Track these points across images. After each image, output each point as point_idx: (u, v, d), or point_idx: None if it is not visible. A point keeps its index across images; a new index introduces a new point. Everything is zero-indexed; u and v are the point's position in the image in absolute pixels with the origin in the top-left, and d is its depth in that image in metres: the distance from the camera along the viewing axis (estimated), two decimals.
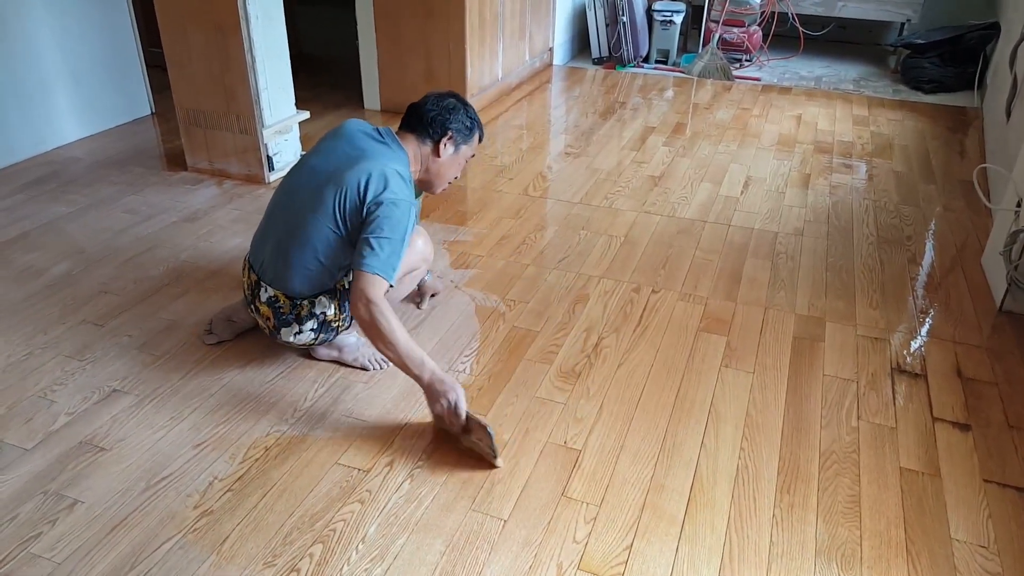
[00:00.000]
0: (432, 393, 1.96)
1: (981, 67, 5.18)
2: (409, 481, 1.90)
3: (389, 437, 2.05)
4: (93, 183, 3.56)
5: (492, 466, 1.94)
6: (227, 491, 1.86)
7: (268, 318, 2.20)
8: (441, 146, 2.18)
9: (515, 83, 5.19)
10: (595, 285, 2.79)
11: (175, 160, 3.82)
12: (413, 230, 2.09)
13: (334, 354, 2.32)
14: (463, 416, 1.95)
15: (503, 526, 1.78)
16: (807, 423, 2.13)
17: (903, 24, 5.82)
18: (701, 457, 2.00)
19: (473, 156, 2.32)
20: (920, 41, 5.43)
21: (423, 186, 2.29)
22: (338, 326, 2.24)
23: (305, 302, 2.15)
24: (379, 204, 1.99)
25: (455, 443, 2.02)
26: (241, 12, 3.16)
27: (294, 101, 3.61)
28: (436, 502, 1.84)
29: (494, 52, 4.75)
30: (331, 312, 2.19)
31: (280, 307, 2.17)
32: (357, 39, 4.57)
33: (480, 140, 2.29)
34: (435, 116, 2.16)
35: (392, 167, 2.05)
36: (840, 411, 2.17)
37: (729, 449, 2.03)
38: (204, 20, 3.26)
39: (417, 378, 1.96)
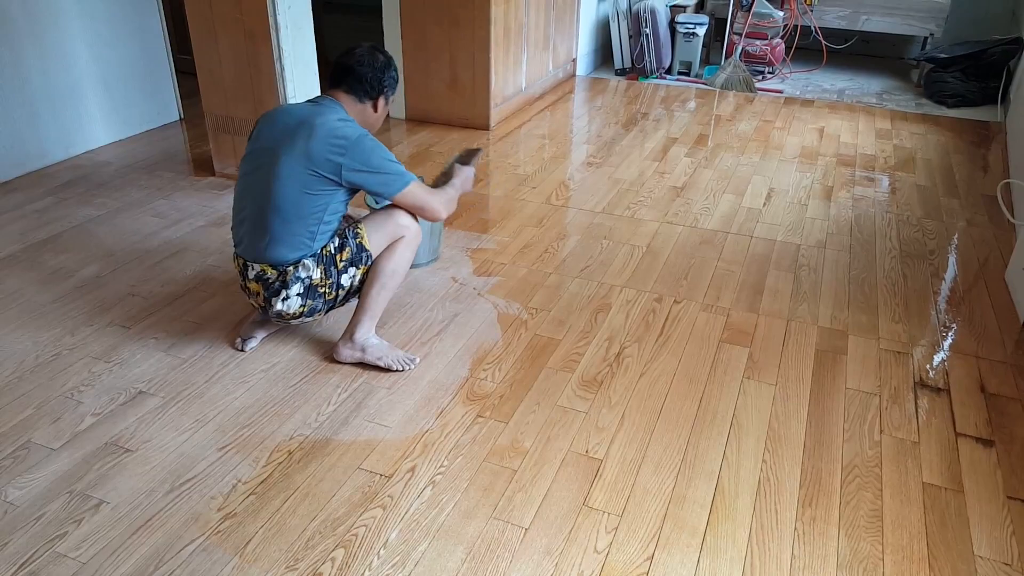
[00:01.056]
0: (466, 189, 2.51)
1: (1005, 82, 5.14)
2: (431, 487, 1.91)
3: (411, 443, 2.06)
4: (122, 187, 3.61)
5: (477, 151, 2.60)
6: (250, 494, 1.88)
7: (258, 293, 2.26)
8: (379, 101, 2.32)
9: (538, 93, 5.21)
10: (617, 294, 2.79)
11: (203, 165, 3.87)
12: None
13: (357, 355, 2.34)
14: (474, 169, 2.57)
15: (524, 534, 1.79)
16: (829, 436, 2.12)
17: (926, 38, 5.79)
18: (723, 468, 2.00)
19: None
20: (943, 55, 5.41)
21: None
22: (324, 292, 2.25)
23: (290, 267, 2.21)
24: (347, 152, 2.15)
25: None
26: (271, 21, 3.20)
27: None
28: (457, 509, 1.85)
29: (518, 62, 4.78)
30: (316, 275, 2.23)
31: (267, 278, 2.23)
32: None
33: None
34: (371, 76, 2.27)
35: (335, 118, 2.21)
36: (863, 425, 2.16)
37: (751, 461, 2.02)
38: (235, 28, 3.31)
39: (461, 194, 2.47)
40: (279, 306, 2.23)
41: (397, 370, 2.33)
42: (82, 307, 2.64)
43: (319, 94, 2.39)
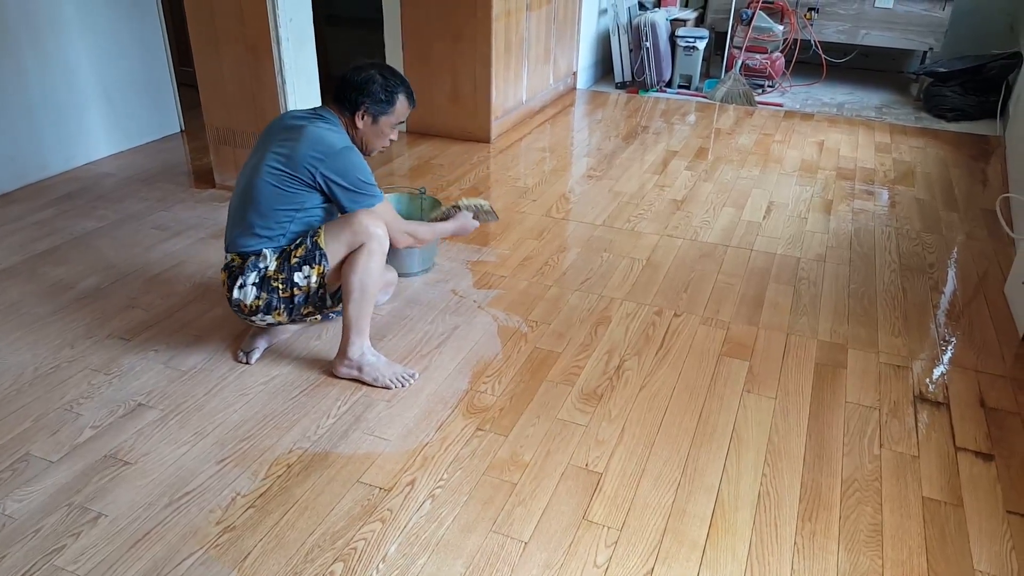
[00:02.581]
0: (461, 232, 2.65)
1: (1004, 96, 5.16)
2: (430, 501, 1.91)
3: (411, 456, 2.06)
4: (123, 199, 3.62)
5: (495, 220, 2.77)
6: (249, 507, 1.88)
7: (223, 282, 2.30)
8: (357, 119, 2.31)
9: (539, 106, 5.23)
10: (617, 307, 2.80)
11: (204, 177, 3.88)
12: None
13: (354, 373, 2.34)
14: (477, 225, 2.69)
15: (524, 548, 1.78)
16: (829, 450, 2.12)
17: (925, 52, 5.82)
18: (723, 482, 1.99)
19: (402, 122, 2.47)
20: (942, 69, 5.43)
21: (360, 149, 2.37)
22: (278, 287, 2.24)
23: (251, 255, 2.25)
24: (326, 160, 2.19)
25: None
26: (273, 35, 3.22)
27: None
28: (457, 522, 1.85)
29: (519, 75, 4.80)
30: (271, 267, 2.24)
31: (233, 266, 2.28)
32: (384, 62, 4.63)
33: (411, 104, 2.39)
34: (349, 91, 2.28)
35: (326, 127, 2.25)
36: (862, 439, 2.16)
37: (751, 475, 2.02)
38: (237, 41, 3.33)
39: (449, 237, 2.72)
40: (236, 294, 2.25)
41: (394, 388, 2.32)
42: (82, 319, 2.64)
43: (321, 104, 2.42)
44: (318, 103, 3.58)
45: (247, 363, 2.42)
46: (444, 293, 2.86)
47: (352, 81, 2.27)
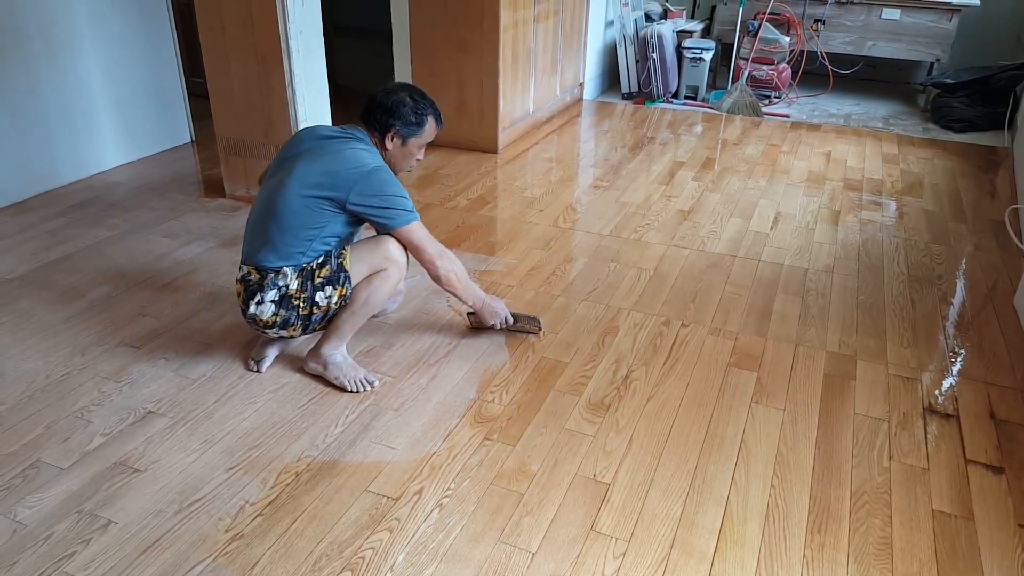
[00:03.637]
0: (487, 313, 2.54)
1: (1011, 107, 5.16)
2: (438, 510, 1.91)
3: (418, 465, 2.06)
4: (134, 208, 3.64)
5: (536, 333, 2.64)
6: (258, 515, 1.88)
7: (239, 294, 2.30)
8: (387, 140, 2.33)
9: (546, 117, 5.25)
10: (624, 317, 2.80)
11: (214, 187, 3.90)
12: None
13: (320, 369, 2.37)
14: (511, 323, 2.60)
15: (531, 559, 1.78)
16: (838, 462, 2.11)
17: (932, 64, 5.82)
18: (731, 494, 1.99)
19: (430, 142, 2.43)
20: (950, 80, 5.43)
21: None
22: (298, 305, 2.25)
23: (270, 272, 2.24)
24: (360, 180, 2.19)
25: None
26: (283, 46, 3.25)
27: None
28: (465, 532, 1.85)
29: (526, 86, 4.82)
30: (293, 286, 2.24)
31: (250, 280, 2.27)
32: (392, 73, 4.66)
33: (438, 125, 2.41)
34: (380, 114, 2.30)
35: (358, 147, 2.27)
36: (871, 451, 2.16)
37: (760, 486, 2.02)
38: (247, 52, 3.35)
39: (471, 303, 2.48)
40: (253, 309, 2.25)
41: (351, 391, 2.33)
42: (93, 327, 2.65)
43: (349, 124, 2.41)
44: (328, 113, 3.60)
45: (257, 371, 2.43)
46: (452, 302, 2.87)
47: (383, 104, 2.30)
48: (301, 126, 3.44)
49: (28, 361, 2.46)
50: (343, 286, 2.28)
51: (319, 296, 2.25)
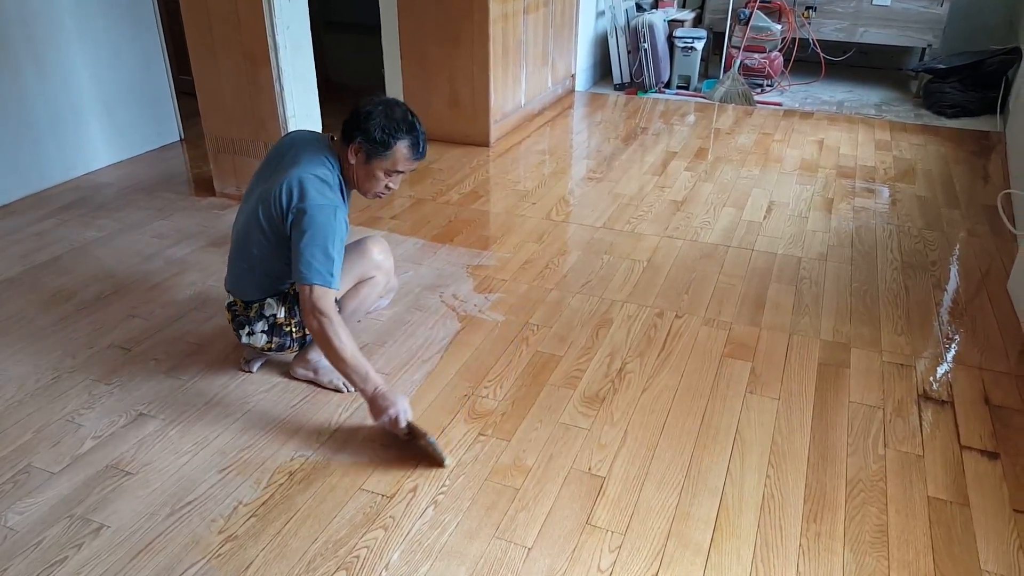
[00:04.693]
0: (376, 407, 2.03)
1: (1003, 92, 5.15)
2: (433, 507, 1.90)
3: (412, 463, 2.05)
4: (123, 208, 3.62)
5: (440, 465, 2.02)
6: (251, 516, 1.87)
7: (229, 321, 2.30)
8: (350, 152, 2.11)
9: (538, 109, 5.23)
10: (618, 309, 2.79)
11: (203, 186, 3.88)
12: (345, 231, 2.06)
13: (310, 375, 2.35)
14: (404, 429, 2.04)
15: (527, 554, 1.78)
16: (833, 451, 2.10)
17: (924, 49, 5.81)
18: (727, 485, 1.98)
19: (400, 172, 2.15)
20: (942, 66, 5.42)
21: (358, 191, 2.23)
22: (291, 331, 2.26)
23: (255, 304, 2.23)
24: (299, 212, 2.01)
25: (403, 449, 2.08)
26: (271, 42, 3.22)
27: (321, 128, 3.66)
28: (460, 529, 1.84)
29: (517, 79, 4.79)
30: (281, 315, 2.24)
31: (235, 310, 2.26)
32: (383, 68, 4.63)
33: (415, 155, 2.12)
34: (351, 120, 2.09)
35: (313, 172, 2.06)
36: (866, 439, 2.15)
37: (755, 477, 2.01)
38: (234, 50, 3.33)
39: (362, 391, 2.04)
40: (245, 339, 2.26)
41: (346, 392, 2.32)
42: (82, 329, 2.64)
43: (333, 137, 2.21)
44: (316, 110, 3.58)
45: (249, 371, 2.41)
46: (445, 298, 2.86)
47: (356, 111, 2.09)
48: (290, 122, 3.42)
49: (18, 365, 2.44)
50: None
51: None
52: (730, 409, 2.27)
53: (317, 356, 2.33)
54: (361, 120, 2.06)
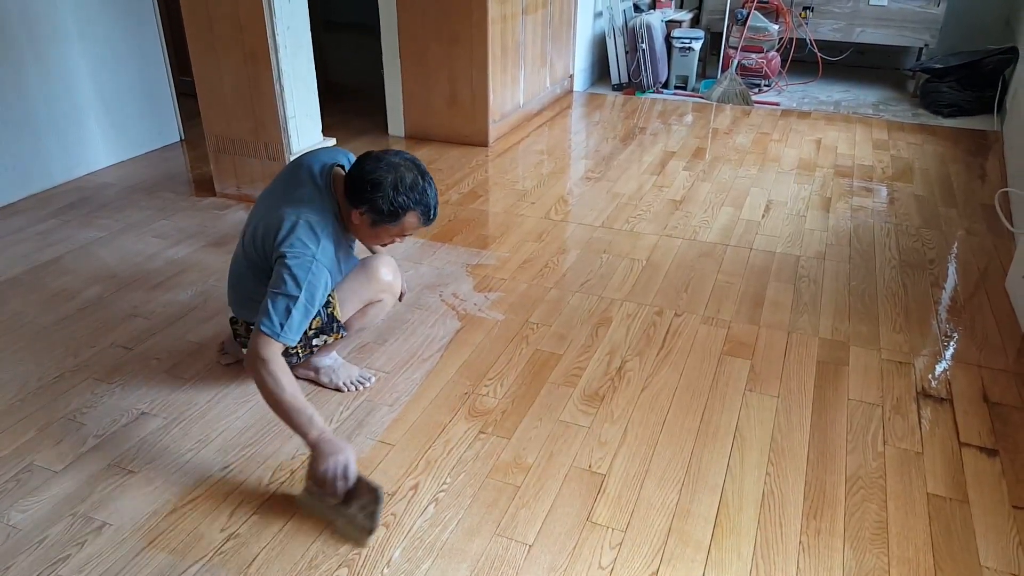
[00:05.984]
0: (319, 453, 1.81)
1: (1000, 91, 5.17)
2: (434, 505, 1.91)
3: (413, 460, 2.06)
4: (124, 208, 3.63)
5: (359, 544, 1.79)
6: (254, 514, 1.88)
7: (234, 338, 2.30)
8: (355, 214, 1.99)
9: (536, 109, 5.24)
10: (618, 308, 2.80)
11: (204, 186, 3.88)
12: (324, 283, 1.95)
13: (311, 375, 2.36)
14: (351, 479, 1.82)
15: (528, 551, 1.78)
16: (833, 448, 2.11)
17: (921, 49, 5.82)
18: (727, 482, 1.99)
19: (408, 235, 2.06)
20: (938, 66, 5.43)
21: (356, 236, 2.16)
22: (298, 351, 2.17)
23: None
24: (281, 256, 1.91)
25: (316, 520, 1.87)
26: (271, 42, 3.23)
27: (321, 128, 3.67)
28: (461, 526, 1.85)
29: (516, 79, 4.80)
30: None
31: (237, 329, 2.25)
32: (382, 67, 4.64)
33: (425, 222, 2.01)
34: (357, 186, 1.94)
35: (307, 218, 1.95)
36: (866, 436, 2.16)
37: (755, 474, 2.02)
38: (235, 50, 3.33)
39: (304, 436, 1.83)
40: None
41: (347, 391, 2.32)
42: (84, 329, 2.64)
43: (339, 166, 2.10)
44: (316, 110, 3.58)
45: (221, 362, 2.44)
46: (445, 296, 2.86)
47: (365, 178, 1.92)
48: (291, 123, 3.42)
49: (20, 364, 2.45)
50: (337, 332, 2.18)
51: (316, 341, 2.18)
52: (730, 407, 2.28)
53: (318, 359, 2.34)
54: (367, 190, 1.92)
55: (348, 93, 5.75)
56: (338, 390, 2.33)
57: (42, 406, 2.26)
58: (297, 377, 2.33)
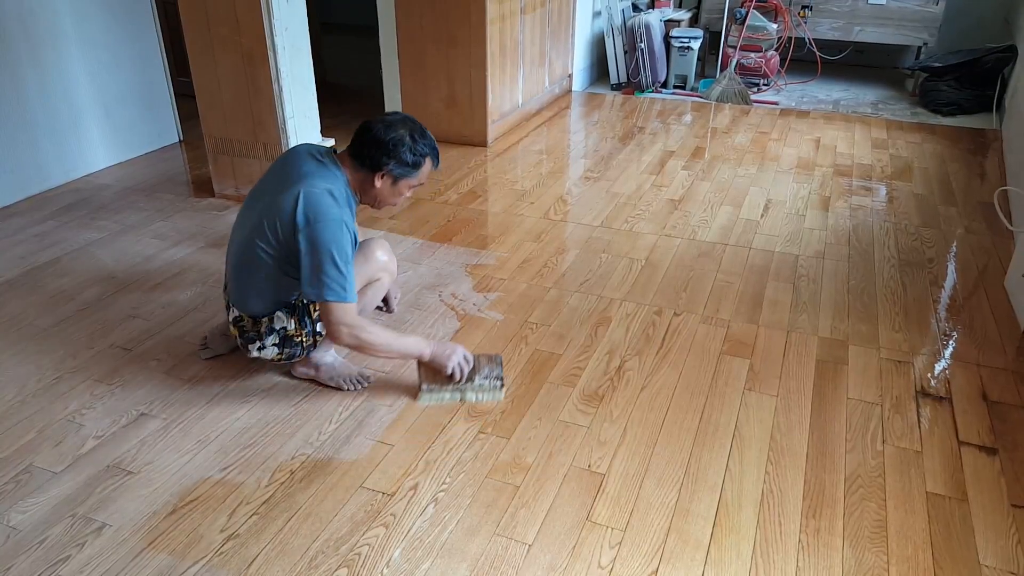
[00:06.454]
0: (439, 359, 2.21)
1: (999, 89, 5.17)
2: (433, 505, 1.91)
3: (413, 460, 2.06)
4: (123, 209, 3.63)
5: (496, 400, 2.23)
6: (253, 514, 1.88)
7: (236, 336, 2.28)
8: (376, 178, 2.12)
9: (535, 109, 5.24)
10: (617, 308, 2.80)
11: (203, 187, 3.88)
12: (355, 243, 2.10)
13: (311, 373, 2.36)
14: (472, 361, 2.28)
15: (528, 551, 1.78)
16: (832, 447, 2.12)
17: (920, 48, 5.83)
18: (726, 481, 1.99)
19: (421, 184, 2.23)
20: (937, 64, 5.44)
21: (367, 204, 2.25)
22: (302, 341, 2.25)
23: (264, 319, 2.21)
24: (309, 228, 2.00)
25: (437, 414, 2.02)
26: (269, 43, 3.23)
27: (319, 129, 3.67)
28: (460, 526, 1.85)
29: (514, 79, 4.81)
30: (291, 327, 2.23)
31: (243, 326, 2.24)
32: (380, 68, 4.64)
33: (435, 166, 2.21)
34: (373, 150, 2.09)
35: (322, 186, 2.05)
36: (865, 435, 2.16)
37: (754, 473, 2.02)
38: (233, 51, 3.33)
39: (419, 357, 2.21)
40: (255, 353, 2.26)
41: (347, 390, 2.32)
42: (83, 330, 2.64)
43: (336, 149, 2.21)
44: (315, 110, 3.59)
45: (201, 356, 2.46)
46: (444, 297, 2.86)
47: (379, 139, 2.08)
48: (289, 123, 3.42)
49: (19, 365, 2.45)
50: None
51: (319, 326, 2.23)
52: (729, 406, 2.28)
53: (319, 355, 2.34)
54: (390, 148, 2.08)
55: (346, 94, 5.75)
56: (338, 388, 2.33)
57: (41, 408, 2.26)
58: (296, 376, 2.35)
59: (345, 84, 6.08)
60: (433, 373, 2.27)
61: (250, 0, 3.18)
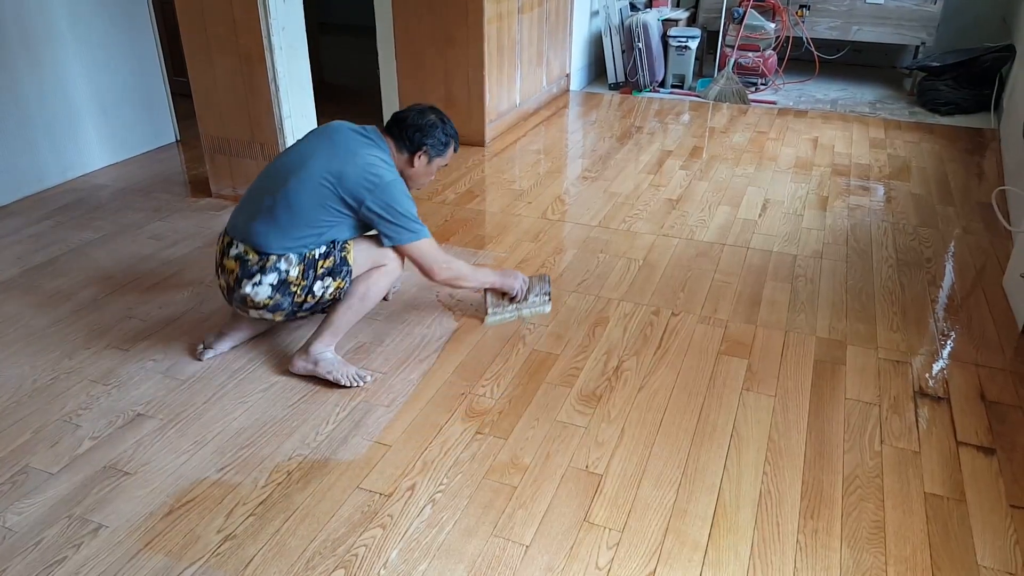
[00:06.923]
0: (505, 284, 2.64)
1: (997, 89, 5.17)
2: (431, 506, 1.91)
3: (410, 461, 2.05)
4: (119, 210, 3.62)
5: (545, 315, 2.69)
6: (250, 515, 1.87)
7: (232, 271, 2.27)
8: (415, 158, 2.40)
9: (533, 108, 5.23)
10: (614, 308, 2.80)
11: (199, 187, 3.88)
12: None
13: (310, 367, 2.36)
14: (528, 283, 2.70)
15: (525, 552, 1.78)
16: (830, 447, 2.11)
17: (918, 47, 5.83)
18: (724, 481, 1.99)
19: (446, 165, 2.55)
20: (935, 64, 5.44)
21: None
22: (295, 293, 2.26)
23: (273, 256, 2.22)
24: (380, 192, 2.25)
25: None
26: (266, 43, 3.22)
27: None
28: (458, 527, 1.85)
29: (512, 79, 4.80)
30: (294, 273, 2.24)
31: (247, 259, 2.25)
32: (377, 68, 4.64)
33: (456, 149, 2.52)
34: (413, 132, 2.38)
35: (383, 157, 2.33)
36: (863, 435, 2.16)
37: (752, 474, 2.02)
38: (230, 51, 3.33)
39: (492, 283, 2.62)
40: (247, 289, 2.23)
41: (345, 386, 2.33)
42: (80, 330, 2.64)
43: (376, 126, 2.46)
44: (312, 111, 3.58)
45: (199, 359, 2.45)
46: (441, 297, 2.86)
47: (417, 124, 2.38)
48: (286, 123, 3.42)
49: (15, 366, 2.44)
50: (343, 279, 2.31)
51: (317, 286, 2.27)
52: (727, 406, 2.28)
53: (320, 348, 2.34)
54: (428, 131, 2.40)
55: (344, 94, 5.75)
56: (337, 384, 2.33)
57: (38, 408, 2.25)
58: (295, 373, 2.35)
59: (343, 84, 6.08)
60: (498, 296, 2.68)
61: (247, 0, 3.17)
